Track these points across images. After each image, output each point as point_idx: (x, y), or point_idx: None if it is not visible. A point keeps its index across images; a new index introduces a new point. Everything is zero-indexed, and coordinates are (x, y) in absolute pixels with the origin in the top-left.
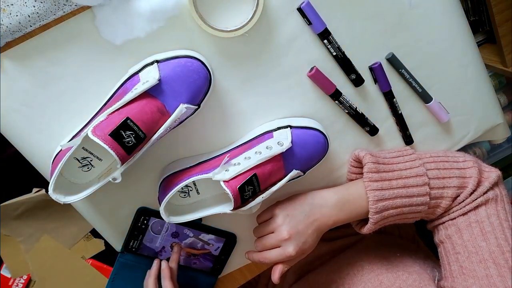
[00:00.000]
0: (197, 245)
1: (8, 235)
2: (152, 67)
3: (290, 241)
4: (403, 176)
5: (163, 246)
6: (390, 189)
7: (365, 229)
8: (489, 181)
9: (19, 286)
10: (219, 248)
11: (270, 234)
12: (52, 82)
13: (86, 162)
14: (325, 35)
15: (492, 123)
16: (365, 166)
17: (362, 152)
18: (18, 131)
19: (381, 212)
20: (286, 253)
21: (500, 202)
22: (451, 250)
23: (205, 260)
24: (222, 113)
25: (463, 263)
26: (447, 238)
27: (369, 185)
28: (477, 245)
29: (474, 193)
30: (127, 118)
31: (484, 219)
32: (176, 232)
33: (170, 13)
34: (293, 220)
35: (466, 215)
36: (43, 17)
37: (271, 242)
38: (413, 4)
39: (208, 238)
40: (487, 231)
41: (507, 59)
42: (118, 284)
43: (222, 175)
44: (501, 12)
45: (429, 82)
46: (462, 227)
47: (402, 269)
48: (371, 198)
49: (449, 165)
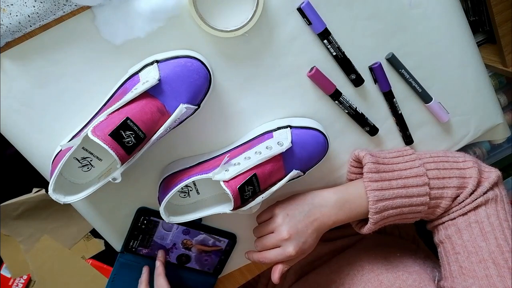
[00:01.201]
0: (209, 242)
1: (8, 235)
2: (152, 67)
3: (290, 241)
4: (403, 176)
5: (174, 243)
6: (390, 189)
7: (365, 229)
8: (489, 181)
9: (19, 286)
10: (227, 245)
11: (270, 234)
12: (52, 82)
13: (86, 162)
14: (325, 35)
15: (492, 123)
16: (365, 166)
17: (362, 152)
18: (18, 131)
19: (381, 212)
20: (286, 253)
21: (500, 202)
22: (450, 250)
23: (216, 257)
24: (222, 113)
25: (462, 263)
26: (447, 238)
27: (369, 185)
28: (476, 245)
29: (474, 193)
30: (127, 118)
31: (483, 219)
32: (187, 229)
33: (170, 13)
34: (293, 220)
35: (466, 215)
36: (43, 17)
37: (271, 242)
38: (413, 4)
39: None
40: (487, 231)
41: (507, 59)
42: (118, 284)
43: (222, 175)
44: (501, 12)
45: (429, 82)
46: (462, 227)
47: (402, 269)
48: (371, 198)
49: (449, 165)
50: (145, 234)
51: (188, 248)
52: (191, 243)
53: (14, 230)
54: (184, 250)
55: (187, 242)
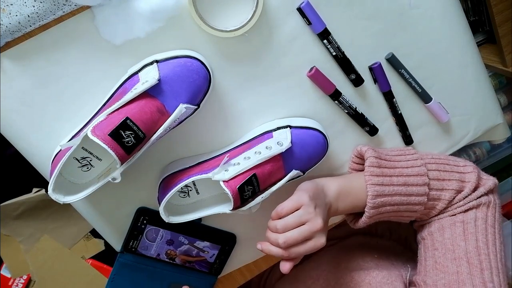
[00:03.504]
0: (192, 252)
1: (8, 235)
2: (151, 67)
3: (323, 231)
4: (404, 174)
5: (158, 254)
6: (390, 185)
7: (359, 223)
8: (485, 187)
9: (19, 286)
10: (214, 255)
11: (302, 226)
12: (51, 82)
13: (86, 162)
14: (325, 35)
15: (492, 123)
16: (367, 160)
17: (364, 147)
18: (18, 131)
19: (378, 208)
20: (319, 244)
21: (491, 209)
22: (430, 247)
23: (200, 267)
24: (221, 113)
25: (438, 258)
26: (429, 235)
27: (370, 179)
28: (456, 244)
29: (468, 197)
30: (127, 118)
31: (470, 220)
32: (171, 239)
33: (170, 13)
34: (321, 210)
35: (454, 216)
36: (42, 17)
37: (304, 235)
38: (413, 4)
39: (203, 246)
40: (470, 232)
41: (507, 59)
42: (118, 284)
43: (222, 175)
44: (501, 12)
45: (429, 82)
46: (446, 225)
47: (374, 267)
48: (370, 192)
49: (449, 168)
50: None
51: (172, 258)
52: (175, 254)
53: (14, 230)
54: (168, 260)
55: (171, 253)
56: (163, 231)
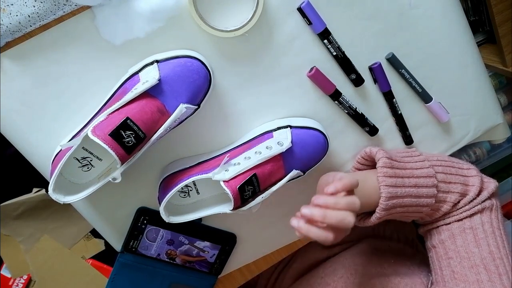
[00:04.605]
0: (193, 252)
1: (8, 235)
2: (152, 67)
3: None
4: (415, 175)
5: (158, 254)
6: (402, 186)
7: (366, 223)
8: (488, 191)
9: (19, 286)
10: (215, 255)
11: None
12: (52, 82)
13: (86, 162)
14: (325, 35)
15: (492, 123)
16: (379, 160)
17: (374, 148)
18: (18, 131)
19: (389, 209)
20: (350, 219)
21: (494, 211)
22: (443, 255)
23: (201, 267)
24: (222, 113)
25: (455, 267)
26: (440, 243)
27: (383, 180)
28: (469, 251)
29: (473, 201)
30: (127, 118)
31: (478, 226)
32: (172, 239)
33: (170, 13)
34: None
35: (461, 221)
36: (43, 17)
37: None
38: (413, 4)
39: (203, 246)
40: (480, 238)
41: (507, 59)
42: (118, 284)
43: (222, 175)
44: (501, 12)
45: (429, 82)
46: (456, 233)
47: (394, 273)
48: (384, 194)
49: (454, 170)
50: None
51: (173, 258)
52: (175, 254)
53: (14, 230)
54: (169, 260)
55: (171, 253)
56: (163, 231)
